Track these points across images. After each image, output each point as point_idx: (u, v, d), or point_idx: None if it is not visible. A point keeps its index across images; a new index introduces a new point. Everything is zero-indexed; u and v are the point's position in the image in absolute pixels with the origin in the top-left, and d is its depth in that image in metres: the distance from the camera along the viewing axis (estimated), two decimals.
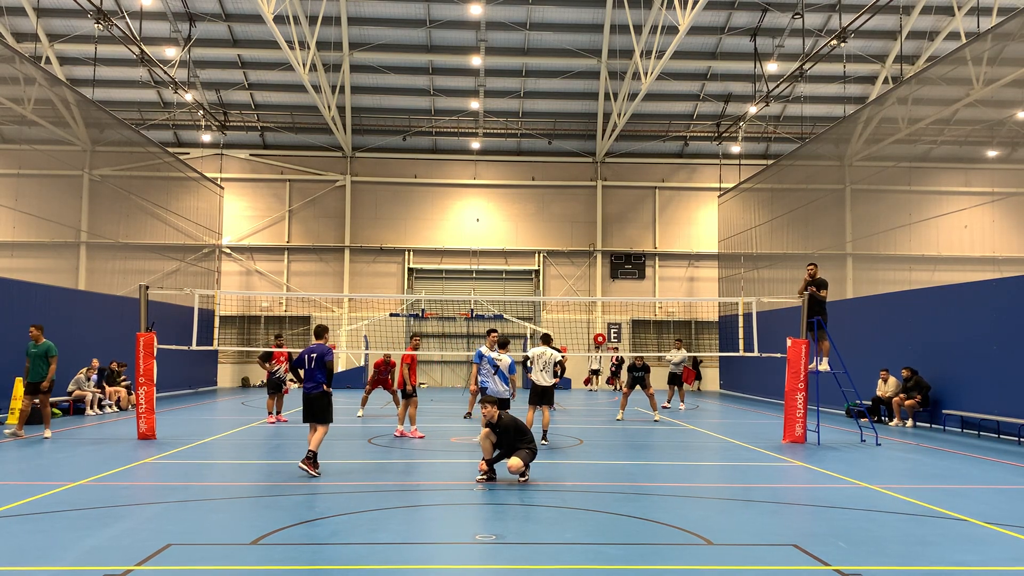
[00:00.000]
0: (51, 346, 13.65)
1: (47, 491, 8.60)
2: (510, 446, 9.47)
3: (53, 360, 13.60)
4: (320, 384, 9.93)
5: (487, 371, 12.54)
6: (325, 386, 9.96)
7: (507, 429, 9.50)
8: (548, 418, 13.65)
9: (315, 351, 10.06)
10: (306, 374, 10.05)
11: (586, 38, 30.11)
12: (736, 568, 6.07)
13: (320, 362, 9.95)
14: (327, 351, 10.04)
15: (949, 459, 12.36)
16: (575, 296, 33.89)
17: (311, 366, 10.00)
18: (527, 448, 9.47)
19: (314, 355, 10.01)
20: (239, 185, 34.07)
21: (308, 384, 10.00)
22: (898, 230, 21.89)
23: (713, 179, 34.84)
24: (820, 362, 14.55)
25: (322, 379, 9.93)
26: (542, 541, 6.76)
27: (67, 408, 18.21)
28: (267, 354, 17.23)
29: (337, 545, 6.55)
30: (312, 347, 10.18)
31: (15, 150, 20.80)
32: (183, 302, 25.20)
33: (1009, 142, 20.43)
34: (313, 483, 9.32)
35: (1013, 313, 14.99)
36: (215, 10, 28.72)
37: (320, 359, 9.95)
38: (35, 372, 13.54)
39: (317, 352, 10.03)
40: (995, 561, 6.26)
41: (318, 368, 9.95)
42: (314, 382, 9.96)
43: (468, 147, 34.73)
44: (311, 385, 9.97)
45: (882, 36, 29.52)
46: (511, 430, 9.51)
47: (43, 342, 13.62)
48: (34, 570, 5.75)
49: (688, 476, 10.71)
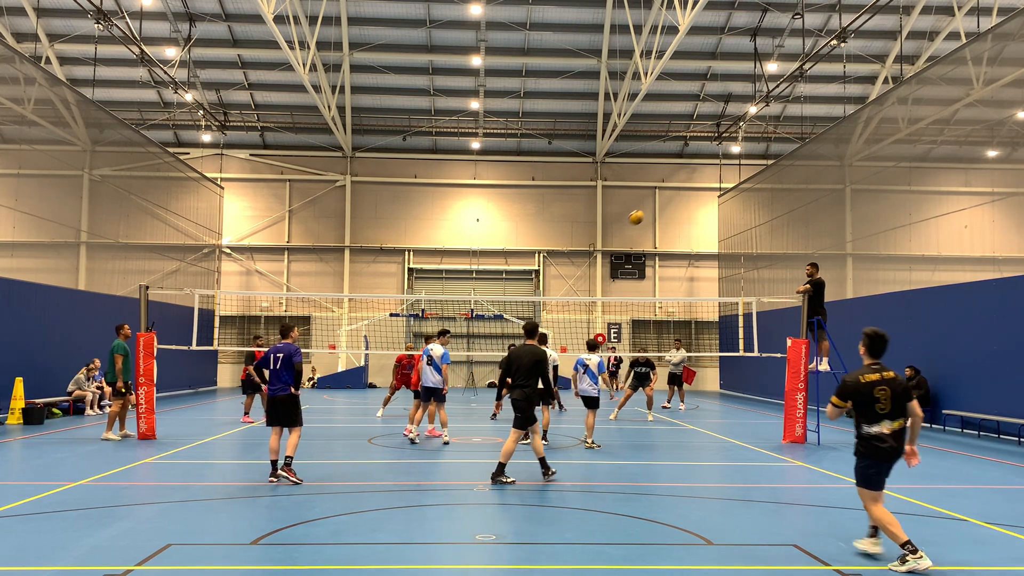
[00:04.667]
0: (114, 345, 13.70)
1: (47, 491, 8.60)
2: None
3: (117, 358, 13.59)
4: (287, 386, 9.42)
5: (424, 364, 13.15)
6: (292, 388, 9.41)
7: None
8: (548, 418, 13.67)
9: (282, 351, 9.53)
10: (271, 375, 9.55)
11: (586, 38, 30.11)
12: (736, 568, 6.07)
13: (287, 363, 9.43)
14: (295, 351, 9.52)
15: (949, 459, 12.36)
16: (575, 296, 33.88)
17: (276, 366, 9.46)
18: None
19: (280, 355, 9.48)
20: (239, 185, 34.07)
21: (274, 386, 9.51)
22: (898, 230, 21.89)
23: (713, 179, 34.84)
24: (820, 362, 14.55)
25: (288, 380, 9.41)
26: (542, 541, 6.76)
27: (67, 408, 18.21)
28: (251, 355, 17.21)
29: (337, 545, 6.55)
30: (279, 346, 9.64)
31: (15, 150, 20.79)
32: (183, 302, 25.20)
33: (1009, 142, 20.43)
34: (313, 483, 9.31)
35: (1013, 313, 14.99)
36: (215, 10, 28.71)
37: (287, 359, 9.43)
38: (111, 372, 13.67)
39: (284, 352, 9.50)
40: (995, 561, 6.26)
41: (284, 368, 9.42)
42: (280, 383, 9.45)
43: (468, 147, 34.73)
44: (277, 387, 9.47)
45: (882, 36, 29.52)
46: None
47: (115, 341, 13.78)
48: (34, 570, 5.76)
49: (688, 476, 10.71)
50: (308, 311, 33.97)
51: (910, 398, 6.13)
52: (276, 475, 9.34)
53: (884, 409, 6.12)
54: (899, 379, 6.25)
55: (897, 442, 6.14)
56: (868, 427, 6.19)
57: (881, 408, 6.12)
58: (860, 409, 6.20)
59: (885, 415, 6.12)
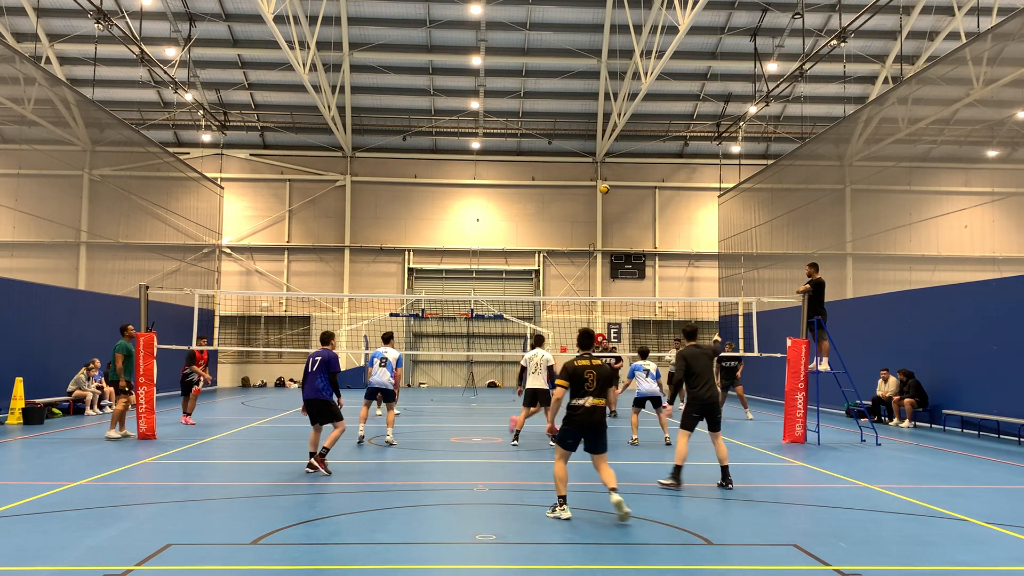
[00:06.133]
0: (116, 345, 13.76)
1: (47, 491, 8.60)
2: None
3: (117, 358, 13.64)
4: (319, 391, 9.88)
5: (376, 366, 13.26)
6: (332, 395, 9.94)
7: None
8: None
9: (321, 355, 10.05)
10: (307, 377, 10.01)
11: (586, 38, 30.11)
12: (736, 568, 6.07)
13: (323, 367, 9.91)
14: (333, 358, 10.01)
15: (949, 459, 12.36)
16: (575, 296, 33.88)
17: (313, 369, 9.97)
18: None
19: (319, 359, 9.99)
20: (239, 185, 34.07)
21: (308, 388, 9.96)
22: (898, 230, 21.89)
23: (713, 179, 34.84)
24: (820, 362, 14.54)
25: (322, 385, 9.88)
26: (542, 541, 6.76)
27: (67, 408, 18.21)
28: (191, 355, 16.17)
29: (337, 545, 6.55)
30: (319, 351, 10.16)
31: (15, 150, 20.79)
32: (183, 302, 25.20)
33: (1009, 142, 20.43)
34: (313, 483, 9.32)
35: (1013, 313, 14.99)
36: (215, 10, 28.71)
37: (324, 364, 9.92)
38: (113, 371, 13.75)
39: (323, 356, 10.01)
40: (995, 561, 6.26)
41: (320, 373, 9.91)
42: (312, 386, 9.91)
43: (468, 147, 34.72)
44: (310, 389, 9.93)
45: (882, 36, 29.52)
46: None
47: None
48: (34, 570, 5.75)
49: (688, 476, 10.70)
50: (308, 311, 33.97)
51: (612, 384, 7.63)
52: (312, 465, 9.80)
53: (590, 388, 7.55)
54: (605, 366, 7.72)
55: (590, 416, 7.53)
56: (575, 400, 7.59)
57: (588, 387, 7.55)
58: (573, 387, 7.63)
59: (591, 392, 7.54)
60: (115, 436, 13.40)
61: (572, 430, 7.57)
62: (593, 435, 7.60)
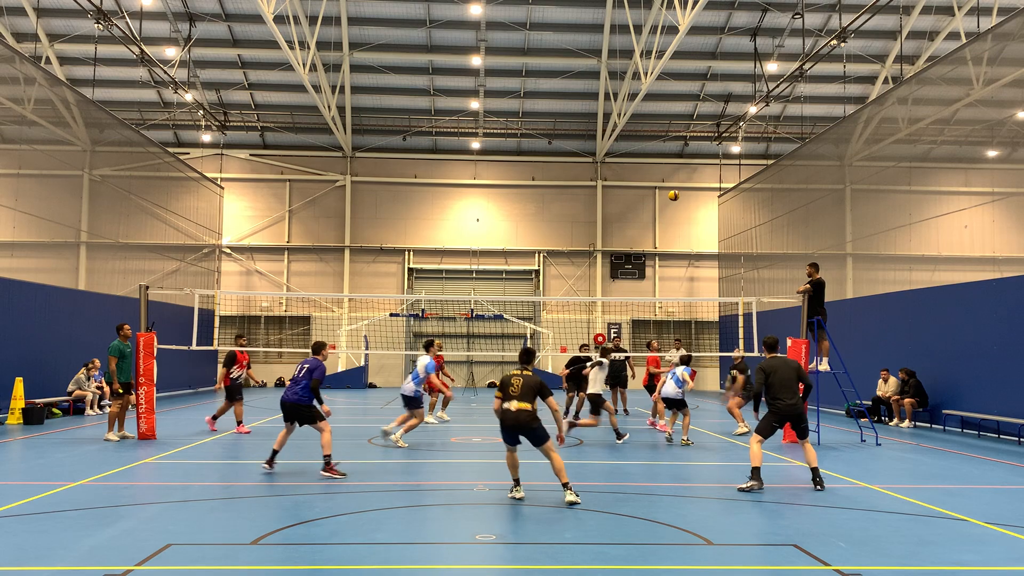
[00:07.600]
0: (109, 346, 13.67)
1: (47, 491, 8.60)
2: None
3: (111, 360, 13.54)
4: (297, 395, 10.03)
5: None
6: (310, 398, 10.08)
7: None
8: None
9: (308, 363, 10.30)
10: (292, 380, 10.26)
11: (586, 38, 30.11)
12: (736, 568, 6.07)
13: (308, 374, 10.13)
14: (318, 365, 10.24)
15: (949, 459, 12.36)
16: (575, 296, 33.89)
17: (299, 374, 10.21)
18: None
19: (306, 366, 10.25)
20: (239, 185, 34.07)
21: (290, 390, 10.13)
22: (898, 230, 21.89)
23: (713, 179, 34.84)
24: (820, 362, 14.55)
25: (303, 390, 10.03)
26: (542, 541, 6.76)
27: (67, 408, 18.21)
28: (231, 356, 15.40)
29: (337, 545, 6.55)
30: (307, 360, 10.40)
31: (15, 150, 20.79)
32: (183, 302, 25.20)
33: (1009, 142, 20.43)
34: (313, 483, 9.33)
35: (1013, 313, 14.99)
36: (215, 10, 28.71)
37: (309, 372, 10.14)
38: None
39: (310, 364, 10.25)
40: (995, 561, 6.26)
41: (304, 378, 10.13)
42: (294, 388, 10.08)
43: (468, 147, 34.72)
44: (290, 391, 10.09)
45: (882, 36, 29.52)
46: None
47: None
48: (34, 570, 5.75)
49: (688, 476, 10.71)
50: (308, 311, 33.97)
51: (545, 395, 8.36)
52: (271, 463, 10.17)
53: (515, 393, 8.37)
54: (533, 377, 8.49)
55: (515, 419, 8.30)
56: (505, 403, 8.41)
57: (513, 391, 8.38)
58: (503, 394, 8.49)
59: (515, 397, 8.35)
60: (114, 438, 13.36)
61: (502, 429, 8.50)
62: (522, 433, 8.42)
